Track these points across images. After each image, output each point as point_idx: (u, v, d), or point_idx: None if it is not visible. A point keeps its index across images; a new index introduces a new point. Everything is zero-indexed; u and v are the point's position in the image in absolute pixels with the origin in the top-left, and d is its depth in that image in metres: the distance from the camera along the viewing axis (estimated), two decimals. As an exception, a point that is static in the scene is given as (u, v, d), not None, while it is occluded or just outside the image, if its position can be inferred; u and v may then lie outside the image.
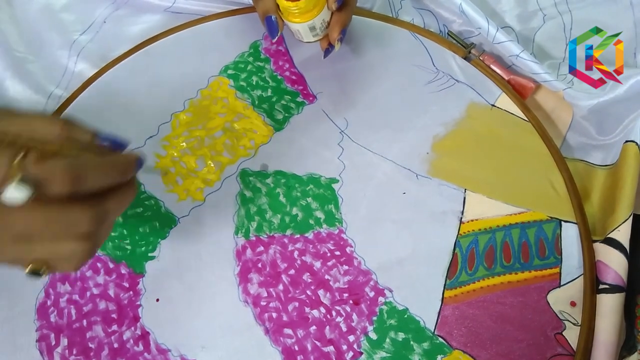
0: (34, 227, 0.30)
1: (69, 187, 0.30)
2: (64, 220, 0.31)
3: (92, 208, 0.32)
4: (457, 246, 0.46)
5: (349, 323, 0.44)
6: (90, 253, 0.34)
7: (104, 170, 0.33)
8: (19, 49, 0.58)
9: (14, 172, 0.28)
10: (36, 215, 0.30)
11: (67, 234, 0.32)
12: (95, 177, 0.32)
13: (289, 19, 0.48)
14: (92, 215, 0.32)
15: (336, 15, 0.48)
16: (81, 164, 0.31)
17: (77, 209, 0.31)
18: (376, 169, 0.50)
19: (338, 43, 0.49)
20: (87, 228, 0.32)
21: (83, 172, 0.31)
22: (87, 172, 0.31)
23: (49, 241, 0.32)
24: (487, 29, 0.55)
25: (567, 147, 0.53)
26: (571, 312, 0.44)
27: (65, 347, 0.44)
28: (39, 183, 0.29)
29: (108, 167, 0.33)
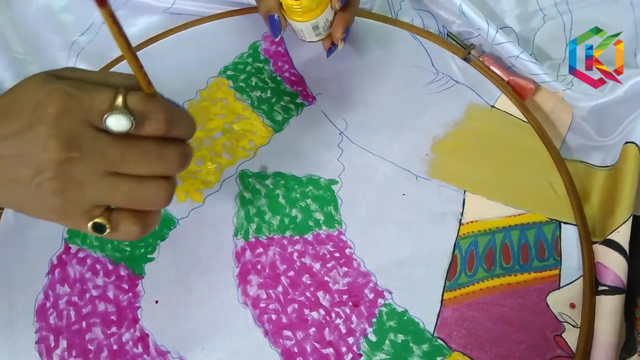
0: (129, 159, 0.32)
1: (165, 126, 0.32)
2: (157, 155, 0.32)
3: (180, 147, 0.34)
4: (457, 248, 0.46)
5: (349, 325, 0.44)
6: (170, 197, 0.35)
7: (188, 121, 0.35)
8: (19, 50, 0.58)
9: (118, 103, 0.30)
10: (132, 147, 0.32)
11: (158, 169, 0.33)
12: (183, 124, 0.34)
13: (292, 18, 0.47)
14: (181, 154, 0.34)
15: (339, 14, 0.48)
16: (174, 109, 0.33)
17: (169, 147, 0.33)
18: (376, 170, 0.50)
19: (341, 42, 0.49)
20: (177, 166, 0.34)
21: (176, 115, 0.33)
22: (178, 117, 0.33)
23: (135, 179, 0.33)
24: (487, 29, 0.55)
25: (566, 149, 0.53)
26: (571, 313, 0.44)
27: (64, 349, 0.44)
28: (140, 117, 0.31)
29: (190, 119, 0.35)
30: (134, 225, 0.34)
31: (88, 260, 0.47)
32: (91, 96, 0.30)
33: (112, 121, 0.30)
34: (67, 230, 0.48)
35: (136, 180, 0.33)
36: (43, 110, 0.30)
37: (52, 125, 0.30)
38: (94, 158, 0.31)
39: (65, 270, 0.47)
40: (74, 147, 0.30)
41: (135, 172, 0.33)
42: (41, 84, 0.31)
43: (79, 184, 0.31)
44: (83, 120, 0.30)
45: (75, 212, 0.33)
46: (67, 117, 0.30)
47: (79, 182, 0.31)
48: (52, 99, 0.30)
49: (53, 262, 0.47)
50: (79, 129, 0.30)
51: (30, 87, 0.31)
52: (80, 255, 0.47)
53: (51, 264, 0.47)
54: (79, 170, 0.31)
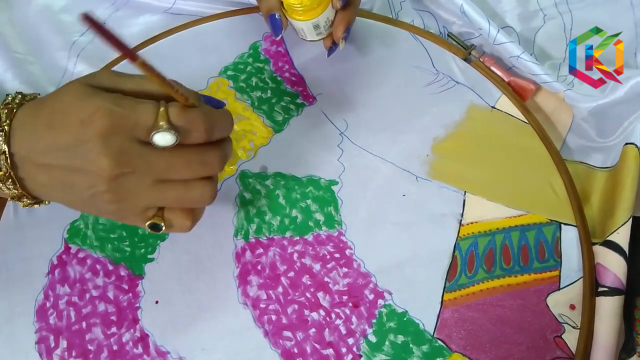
0: (175, 168, 0.35)
1: (206, 135, 0.34)
2: (200, 161, 0.35)
3: (220, 149, 0.37)
4: (457, 249, 0.46)
5: (349, 326, 0.44)
6: (214, 194, 0.38)
7: (226, 122, 0.37)
8: (19, 50, 0.58)
9: (161, 120, 0.32)
10: (178, 157, 0.34)
11: (202, 173, 0.36)
12: (222, 127, 0.37)
13: (293, 17, 0.47)
14: (221, 155, 0.37)
15: (340, 13, 0.48)
16: (212, 115, 0.35)
17: (210, 151, 0.36)
18: (376, 171, 0.50)
19: (342, 42, 0.49)
20: (218, 167, 0.37)
21: (214, 122, 0.35)
22: (216, 123, 0.35)
23: (182, 184, 0.36)
24: (488, 29, 0.55)
25: (567, 149, 0.53)
26: (570, 315, 0.44)
27: (64, 349, 0.44)
28: (183, 130, 0.33)
29: (228, 118, 0.38)
30: (185, 220, 0.38)
31: (88, 261, 0.47)
32: (135, 113, 0.32)
33: (159, 138, 0.32)
34: (67, 230, 0.48)
35: (183, 185, 0.36)
36: (90, 128, 0.31)
37: (101, 143, 0.32)
38: (143, 171, 0.34)
39: (65, 270, 0.47)
40: (124, 163, 0.33)
41: (181, 178, 0.36)
42: (84, 98, 0.32)
43: (132, 193, 0.34)
44: (130, 136, 0.32)
45: (130, 215, 0.36)
46: (115, 135, 0.32)
47: (132, 192, 0.34)
48: (98, 118, 0.31)
49: (53, 262, 0.47)
50: (127, 146, 0.32)
51: (73, 100, 0.32)
52: (80, 255, 0.47)
53: (51, 264, 0.47)
54: (130, 183, 0.34)
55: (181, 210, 0.37)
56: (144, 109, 0.33)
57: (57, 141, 0.32)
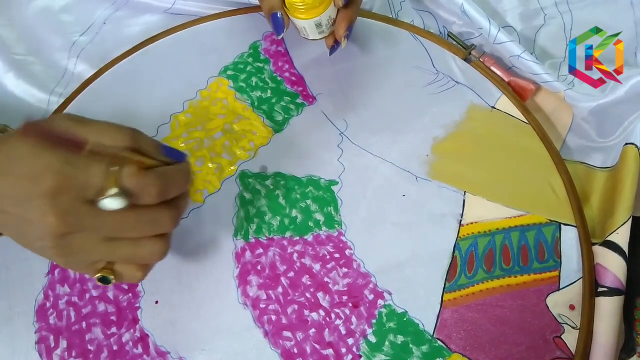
0: (124, 228, 0.34)
1: (159, 197, 0.34)
2: (151, 221, 0.35)
3: (173, 209, 0.36)
4: (457, 249, 0.46)
5: (349, 326, 0.44)
6: (166, 251, 0.37)
7: (181, 179, 0.37)
8: (19, 51, 0.58)
9: (111, 185, 0.32)
10: (127, 218, 0.34)
11: (153, 232, 0.35)
12: (176, 186, 0.36)
13: (295, 16, 0.47)
14: (173, 215, 0.36)
15: (342, 12, 0.48)
16: (166, 175, 0.35)
17: (161, 211, 0.35)
18: (376, 171, 0.50)
19: (345, 40, 0.49)
20: (170, 226, 0.36)
21: (169, 183, 0.35)
22: (171, 183, 0.35)
23: (132, 242, 0.35)
24: (489, 29, 0.55)
25: (567, 150, 0.53)
26: (570, 315, 0.44)
27: (64, 350, 0.44)
28: (133, 194, 0.33)
29: (183, 176, 0.37)
30: (137, 272, 0.37)
31: (88, 261, 0.47)
32: (85, 174, 0.32)
33: (108, 203, 0.32)
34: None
35: (133, 243, 0.35)
36: (40, 186, 0.31)
37: (49, 202, 0.31)
38: (91, 230, 0.33)
39: (65, 270, 0.47)
40: (71, 223, 0.32)
41: (131, 237, 0.35)
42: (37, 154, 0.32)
43: (80, 250, 0.34)
44: (79, 197, 0.32)
45: (79, 268, 0.37)
46: (63, 194, 0.31)
47: (79, 249, 0.34)
48: (49, 176, 0.31)
49: (53, 263, 0.47)
50: (76, 206, 0.32)
51: (24, 152, 0.32)
52: (80, 255, 0.47)
53: (51, 264, 0.47)
54: (78, 241, 0.33)
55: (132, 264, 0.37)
56: (95, 170, 0.32)
57: (10, 190, 0.32)
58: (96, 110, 0.53)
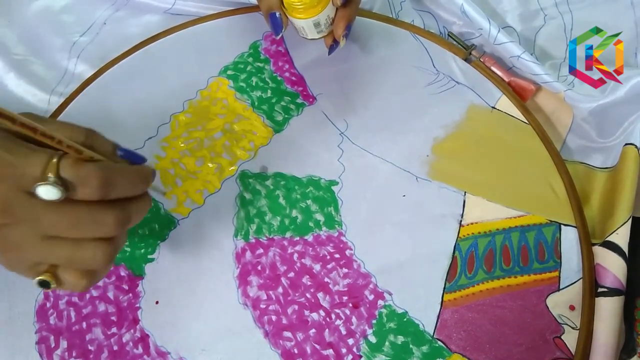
0: (62, 225, 0.32)
1: (99, 191, 0.32)
2: (91, 220, 0.32)
3: (118, 211, 0.34)
4: (457, 249, 0.46)
5: (349, 326, 0.44)
6: (110, 258, 0.35)
7: (130, 178, 0.34)
8: (19, 51, 0.58)
9: (49, 172, 0.30)
10: (65, 214, 0.32)
11: (93, 233, 0.33)
12: (123, 184, 0.34)
13: (293, 15, 0.47)
14: (118, 217, 0.33)
15: (341, 11, 0.48)
16: (112, 170, 0.33)
17: (104, 211, 0.33)
18: (376, 171, 0.50)
19: (343, 39, 0.49)
20: (113, 230, 0.33)
21: (113, 178, 0.33)
22: (116, 179, 0.33)
23: (72, 242, 0.33)
24: (489, 29, 0.55)
25: (567, 150, 0.53)
26: (570, 315, 0.44)
27: (64, 350, 0.44)
28: (71, 185, 0.31)
29: (133, 175, 0.35)
30: (80, 279, 0.35)
31: (88, 261, 0.47)
32: (25, 162, 0.30)
33: (42, 191, 0.30)
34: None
35: (73, 243, 0.33)
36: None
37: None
38: (28, 224, 0.32)
39: (65, 270, 0.47)
40: (7, 213, 0.31)
41: (70, 236, 0.33)
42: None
43: (18, 246, 0.32)
44: (16, 186, 0.31)
45: (20, 268, 0.34)
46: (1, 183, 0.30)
47: (17, 244, 0.32)
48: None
49: (53, 263, 0.47)
50: (12, 195, 0.31)
51: None
52: (80, 255, 0.47)
53: (51, 264, 0.47)
54: (15, 235, 0.32)
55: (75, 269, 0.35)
56: (35, 158, 0.31)
57: None
58: (96, 109, 0.53)
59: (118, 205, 0.34)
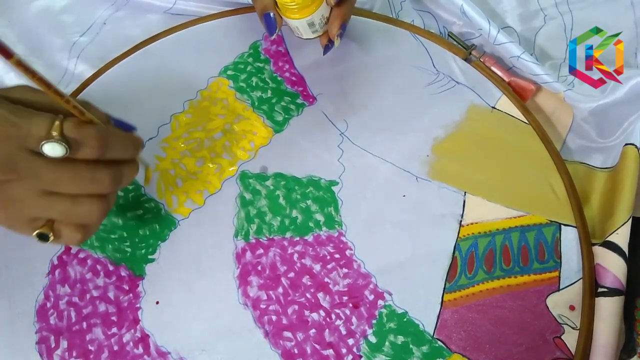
0: (62, 181, 0.35)
1: (99, 151, 0.35)
2: (89, 177, 0.36)
3: (113, 170, 0.37)
4: (457, 249, 0.46)
5: (349, 326, 0.44)
6: (104, 213, 0.38)
7: (125, 142, 0.38)
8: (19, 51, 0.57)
9: (54, 132, 0.33)
10: (66, 171, 0.35)
11: (90, 189, 0.36)
12: (119, 147, 0.37)
13: (287, 16, 0.47)
14: (113, 175, 0.37)
15: (335, 10, 0.48)
16: (109, 133, 0.36)
17: (100, 169, 0.36)
18: (376, 171, 0.50)
19: (338, 39, 0.49)
20: (108, 186, 0.37)
21: (110, 140, 0.36)
22: (112, 141, 0.36)
23: (70, 198, 0.36)
24: (488, 30, 0.55)
25: (567, 150, 0.53)
26: (570, 315, 0.44)
27: (65, 350, 0.44)
28: (74, 144, 0.34)
29: (127, 139, 0.39)
30: (75, 232, 0.38)
31: (89, 261, 0.47)
32: (29, 123, 0.33)
33: (48, 148, 0.33)
34: (68, 231, 0.48)
35: (71, 199, 0.36)
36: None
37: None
38: (30, 179, 0.34)
39: (65, 270, 0.47)
40: (11, 169, 0.33)
41: (69, 192, 0.36)
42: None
43: (19, 201, 0.35)
44: (20, 145, 0.33)
45: (19, 223, 0.37)
46: (5, 142, 0.33)
47: (18, 200, 0.35)
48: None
49: (53, 263, 0.47)
50: (16, 154, 0.33)
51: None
52: (80, 255, 0.47)
53: (51, 264, 0.47)
54: (17, 190, 0.34)
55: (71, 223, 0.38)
56: (39, 119, 0.33)
57: None
58: (96, 110, 0.53)
59: (113, 166, 0.37)
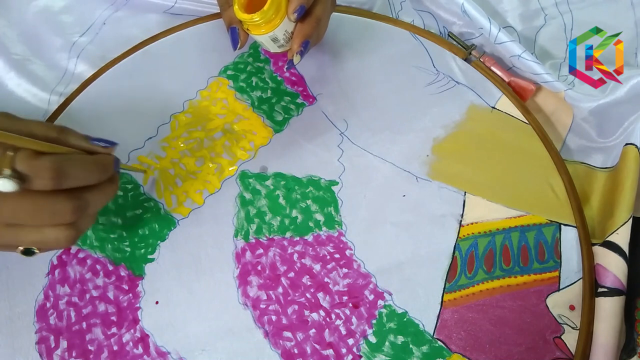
0: (21, 215, 0.34)
1: (53, 182, 0.34)
2: (49, 210, 0.35)
3: (74, 199, 0.36)
4: (457, 249, 0.46)
5: (349, 326, 0.44)
6: (73, 240, 0.37)
7: (85, 167, 0.37)
8: (18, 51, 0.58)
9: (4, 167, 0.32)
10: (23, 204, 0.34)
11: (52, 221, 0.36)
12: (77, 174, 0.36)
13: (250, 31, 0.46)
14: (74, 205, 0.36)
15: (299, 26, 0.46)
16: (65, 161, 0.35)
17: (60, 200, 0.35)
18: (376, 171, 0.50)
19: (297, 56, 0.46)
20: (70, 217, 0.36)
21: (66, 169, 0.35)
22: (69, 170, 0.35)
23: (35, 228, 0.36)
24: (489, 29, 0.55)
25: (567, 150, 0.53)
26: (570, 315, 0.44)
27: (64, 350, 0.44)
28: (25, 178, 0.33)
29: (89, 164, 0.37)
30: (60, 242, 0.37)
31: (88, 261, 0.47)
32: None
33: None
34: (67, 231, 0.48)
35: (35, 229, 0.36)
36: None
37: None
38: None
39: (65, 270, 0.47)
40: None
41: (31, 224, 0.35)
42: None
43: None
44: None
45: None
46: None
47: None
48: None
49: (53, 263, 0.47)
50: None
51: None
52: (80, 255, 0.47)
53: (51, 264, 0.47)
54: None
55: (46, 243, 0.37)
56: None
57: None
58: (96, 110, 0.53)
59: (75, 194, 0.36)
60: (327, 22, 0.49)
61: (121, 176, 0.50)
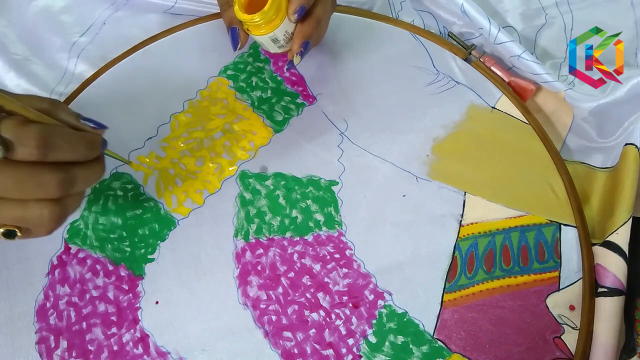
0: (5, 186, 0.33)
1: (38, 151, 0.32)
2: (33, 181, 0.33)
3: (60, 172, 0.34)
4: (457, 249, 0.46)
5: (349, 326, 0.44)
6: (57, 219, 0.36)
7: (72, 141, 0.35)
8: (18, 51, 0.58)
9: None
10: (8, 175, 0.32)
11: (36, 194, 0.34)
12: (63, 146, 0.34)
13: (251, 31, 0.46)
14: (60, 178, 0.34)
15: (299, 27, 0.46)
16: (52, 132, 0.33)
17: (46, 171, 0.33)
18: (376, 171, 0.50)
19: (297, 57, 0.46)
20: (55, 191, 0.34)
21: (52, 139, 0.33)
22: (56, 141, 0.33)
23: (17, 203, 0.34)
24: (489, 29, 0.55)
25: (567, 150, 0.53)
26: (570, 315, 0.44)
27: (64, 350, 0.44)
28: (10, 144, 0.32)
29: (76, 139, 0.35)
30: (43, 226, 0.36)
31: (88, 261, 0.47)
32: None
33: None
34: (67, 231, 0.48)
35: (19, 204, 0.34)
36: None
37: None
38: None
39: (65, 270, 0.47)
40: None
41: (15, 197, 0.34)
42: None
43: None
44: None
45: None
46: None
47: None
48: None
49: (53, 263, 0.47)
50: None
51: None
52: (80, 255, 0.47)
53: (51, 264, 0.47)
54: None
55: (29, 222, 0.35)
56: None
57: None
58: (96, 109, 0.53)
59: (61, 168, 0.34)
60: (327, 23, 0.49)
61: (121, 176, 0.50)
